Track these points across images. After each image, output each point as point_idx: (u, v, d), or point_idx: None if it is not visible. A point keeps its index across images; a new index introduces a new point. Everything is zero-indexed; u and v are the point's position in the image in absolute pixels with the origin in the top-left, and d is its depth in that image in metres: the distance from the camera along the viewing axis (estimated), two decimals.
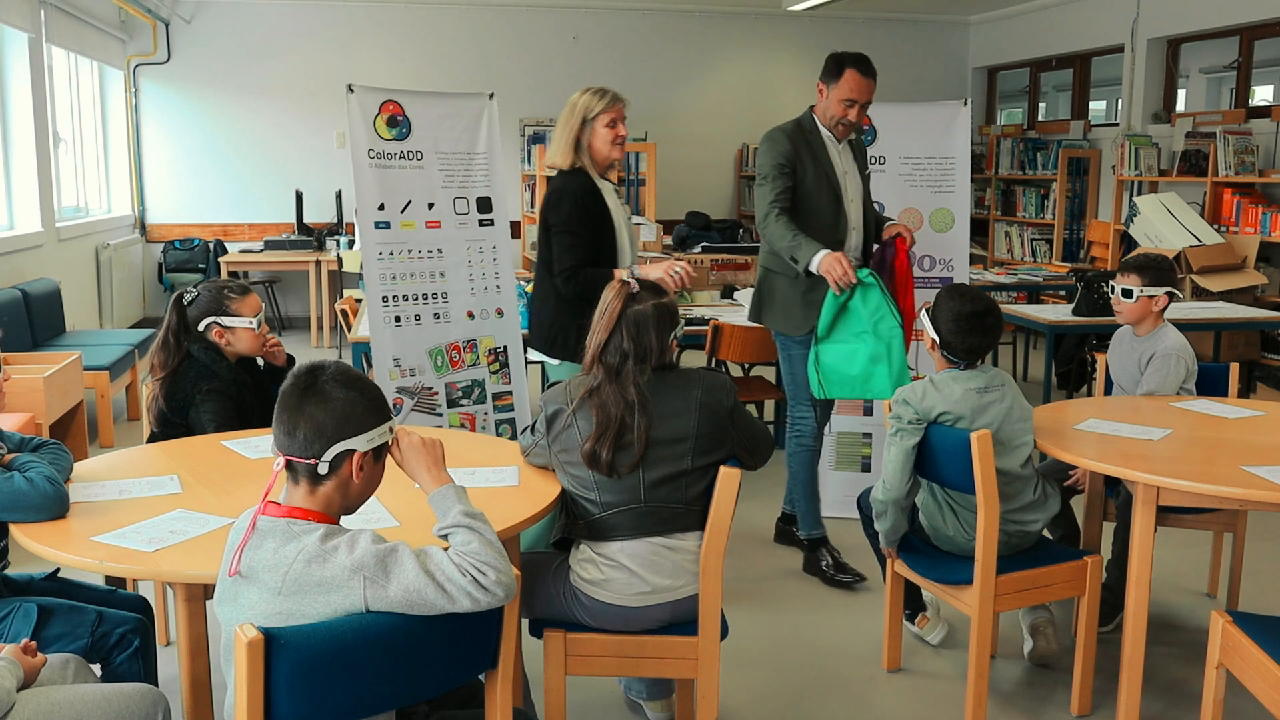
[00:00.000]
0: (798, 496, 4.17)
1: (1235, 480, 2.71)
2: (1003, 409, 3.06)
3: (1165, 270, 3.75)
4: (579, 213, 3.71)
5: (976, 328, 3.08)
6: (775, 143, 3.97)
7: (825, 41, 10.87)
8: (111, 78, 9.68)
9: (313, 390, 1.91)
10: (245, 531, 1.88)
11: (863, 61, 3.96)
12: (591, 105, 3.76)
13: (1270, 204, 7.29)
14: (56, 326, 6.92)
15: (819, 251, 3.73)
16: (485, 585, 1.84)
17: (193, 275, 9.69)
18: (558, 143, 3.81)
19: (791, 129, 4.00)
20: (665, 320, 2.63)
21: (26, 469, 2.40)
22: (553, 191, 3.80)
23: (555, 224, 3.73)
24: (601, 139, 3.76)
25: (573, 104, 3.80)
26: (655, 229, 6.38)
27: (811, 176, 3.94)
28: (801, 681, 3.38)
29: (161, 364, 3.27)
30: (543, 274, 3.84)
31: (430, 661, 1.88)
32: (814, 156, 3.96)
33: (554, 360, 3.82)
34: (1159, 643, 3.58)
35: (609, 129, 3.76)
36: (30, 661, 2.10)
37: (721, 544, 2.60)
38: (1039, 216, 9.97)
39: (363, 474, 1.92)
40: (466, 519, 1.94)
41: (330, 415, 1.88)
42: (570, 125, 3.77)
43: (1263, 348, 6.99)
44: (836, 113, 3.96)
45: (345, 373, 1.95)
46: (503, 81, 9.77)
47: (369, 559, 1.80)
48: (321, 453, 1.88)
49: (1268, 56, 8.17)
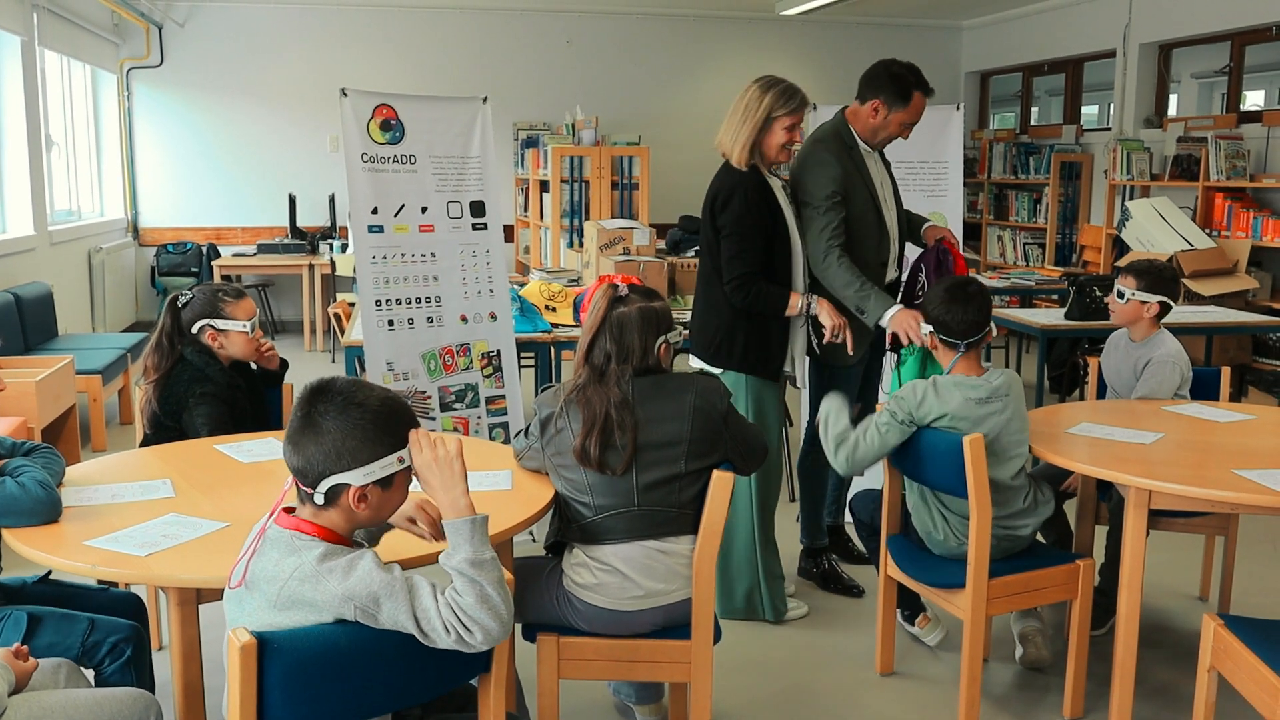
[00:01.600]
0: (801, 507, 4.14)
1: (1227, 484, 2.72)
2: (1001, 421, 3.04)
3: (1165, 280, 3.74)
4: (751, 213, 3.53)
5: (959, 297, 3.10)
6: (827, 167, 3.69)
7: (818, 46, 10.90)
8: (104, 81, 9.66)
9: (309, 420, 1.85)
10: (254, 540, 1.87)
11: (924, 81, 3.77)
12: (776, 106, 3.52)
13: (1261, 208, 7.31)
14: (49, 330, 6.90)
15: (891, 307, 3.53)
16: (469, 643, 1.81)
17: (185, 279, 9.67)
18: (735, 139, 3.56)
19: (836, 148, 3.75)
20: (650, 323, 2.65)
21: (18, 473, 2.39)
22: (721, 188, 3.58)
23: (725, 225, 3.54)
24: (776, 141, 3.55)
25: (754, 99, 3.54)
26: (649, 233, 6.37)
27: (861, 199, 3.74)
28: (794, 685, 3.38)
29: (155, 367, 3.26)
30: (710, 278, 3.65)
31: (424, 666, 1.88)
32: (860, 175, 3.76)
33: (716, 369, 3.59)
34: (1151, 646, 3.58)
35: (786, 133, 3.55)
36: (22, 666, 2.10)
37: (714, 548, 2.60)
38: (1031, 221, 10.00)
39: (367, 503, 1.87)
40: (471, 569, 1.84)
41: (320, 448, 1.84)
42: (753, 122, 3.53)
43: (1254, 352, 7.01)
44: (894, 133, 3.78)
45: (349, 397, 1.86)
46: (496, 85, 9.79)
47: (360, 590, 1.78)
48: (315, 484, 1.85)
49: (1258, 61, 8.20)
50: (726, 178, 3.60)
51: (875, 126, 3.77)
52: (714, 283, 3.63)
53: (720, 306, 3.63)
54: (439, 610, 1.80)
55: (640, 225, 6.51)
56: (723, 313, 3.62)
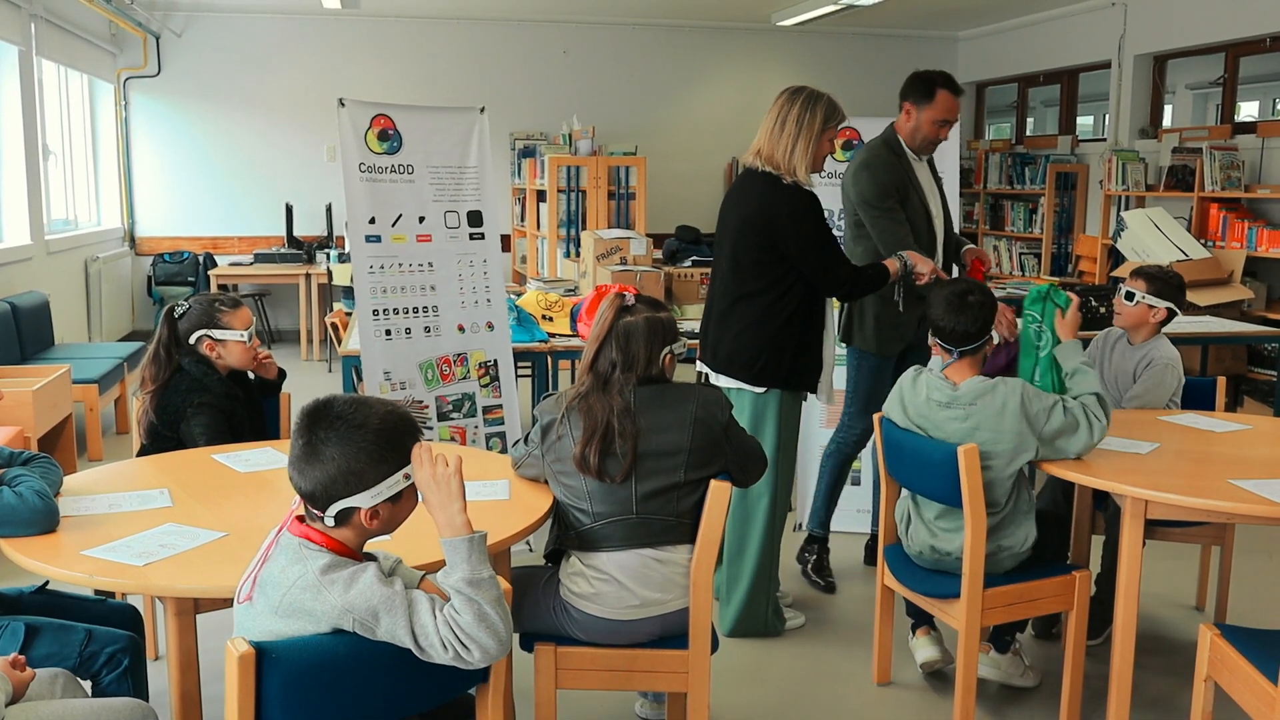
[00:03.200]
0: (818, 492, 4.25)
1: (1223, 494, 2.72)
2: (962, 429, 3.02)
3: (1174, 287, 3.77)
4: (814, 218, 3.50)
5: (958, 305, 3.10)
6: (880, 171, 3.87)
7: (814, 57, 10.93)
8: (101, 91, 9.67)
9: (311, 447, 1.84)
10: (265, 550, 1.87)
11: (951, 81, 3.93)
12: (831, 117, 3.52)
13: (1256, 219, 7.33)
14: (45, 339, 6.90)
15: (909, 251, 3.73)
16: (467, 660, 1.81)
17: (182, 288, 9.67)
18: (792, 155, 3.49)
19: (888, 156, 3.91)
20: (656, 333, 2.66)
21: (16, 483, 2.39)
22: (779, 209, 3.48)
23: (804, 242, 3.47)
24: (825, 153, 3.55)
25: (805, 111, 3.50)
26: (645, 243, 6.38)
27: (913, 204, 3.91)
28: (792, 695, 3.38)
29: (152, 377, 3.26)
30: (747, 297, 3.55)
31: (422, 677, 1.88)
32: (911, 181, 3.93)
33: (758, 389, 3.56)
34: (1147, 655, 3.59)
35: (831, 145, 3.57)
36: (19, 676, 2.09)
37: (712, 557, 2.61)
38: (1027, 231, 10.02)
39: (378, 519, 1.88)
40: (468, 588, 1.83)
41: (325, 474, 1.83)
42: (814, 130, 3.48)
43: (1249, 362, 7.03)
44: (929, 133, 3.93)
45: (349, 420, 1.85)
46: (494, 95, 9.80)
47: (360, 604, 1.78)
48: (325, 508, 1.85)
49: (1253, 73, 8.23)
50: (778, 197, 3.49)
51: (911, 129, 3.95)
52: (755, 301, 3.54)
53: (764, 324, 3.53)
54: (437, 628, 1.80)
55: (637, 235, 6.52)
56: (767, 330, 3.54)
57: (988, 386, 3.03)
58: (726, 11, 10.18)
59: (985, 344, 3.13)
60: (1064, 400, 3.00)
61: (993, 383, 3.03)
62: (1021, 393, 2.98)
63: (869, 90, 10.36)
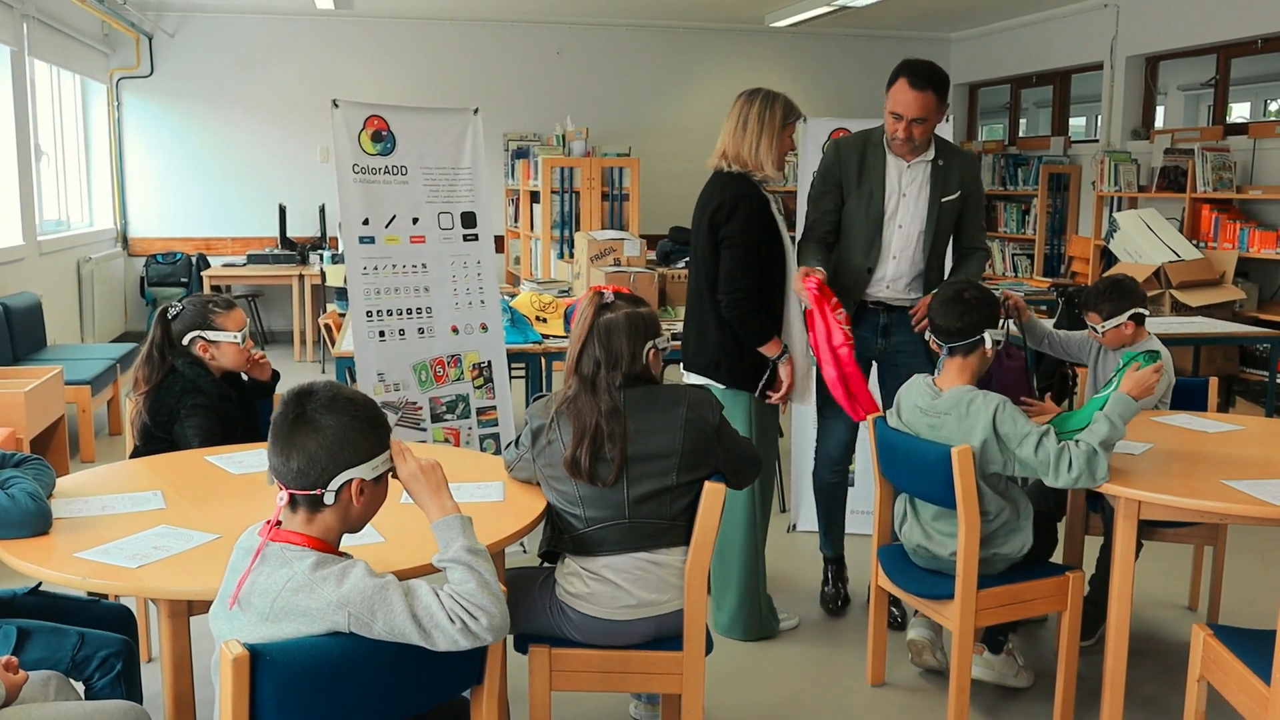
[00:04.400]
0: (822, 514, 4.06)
1: (1216, 494, 2.73)
2: (941, 437, 3.02)
3: (1123, 292, 3.70)
4: (754, 224, 3.47)
5: (946, 301, 3.13)
6: (824, 156, 3.77)
7: (808, 58, 10.94)
8: (94, 91, 9.65)
9: (302, 419, 1.87)
10: (250, 559, 1.87)
11: (915, 71, 3.53)
12: (789, 114, 3.49)
13: (1248, 220, 7.36)
14: (37, 340, 6.88)
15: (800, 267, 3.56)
16: (474, 630, 1.83)
17: (175, 289, 9.66)
18: (758, 150, 3.47)
19: (850, 140, 3.76)
20: (637, 328, 2.64)
21: (8, 485, 2.38)
22: (724, 199, 3.47)
23: (729, 235, 3.46)
24: (786, 149, 3.51)
25: (765, 108, 3.48)
26: (639, 244, 6.38)
27: (855, 194, 3.69)
28: (786, 696, 3.38)
29: (146, 378, 3.25)
30: (704, 292, 3.56)
31: (416, 678, 1.88)
32: (863, 171, 3.68)
33: (719, 385, 3.52)
34: (1140, 656, 3.59)
35: (790, 140, 3.52)
36: (11, 679, 2.09)
37: (706, 559, 2.61)
38: (1020, 232, 10.04)
39: (363, 498, 1.91)
40: (468, 555, 1.90)
41: (323, 445, 1.85)
42: (775, 126, 3.46)
43: (1241, 362, 7.04)
44: (887, 127, 3.64)
45: (335, 397, 1.89)
46: (487, 96, 9.79)
47: (355, 596, 1.79)
48: (325, 482, 1.86)
49: (1244, 74, 8.26)
50: (729, 187, 3.50)
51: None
52: (709, 296, 3.56)
53: (722, 323, 3.55)
54: (441, 604, 1.82)
55: (630, 236, 6.52)
56: (725, 328, 3.55)
57: (965, 398, 3.01)
58: (720, 12, 10.19)
59: (979, 345, 3.12)
60: (1046, 438, 2.89)
61: (971, 394, 3.01)
62: (996, 408, 2.94)
63: (862, 91, 10.38)
